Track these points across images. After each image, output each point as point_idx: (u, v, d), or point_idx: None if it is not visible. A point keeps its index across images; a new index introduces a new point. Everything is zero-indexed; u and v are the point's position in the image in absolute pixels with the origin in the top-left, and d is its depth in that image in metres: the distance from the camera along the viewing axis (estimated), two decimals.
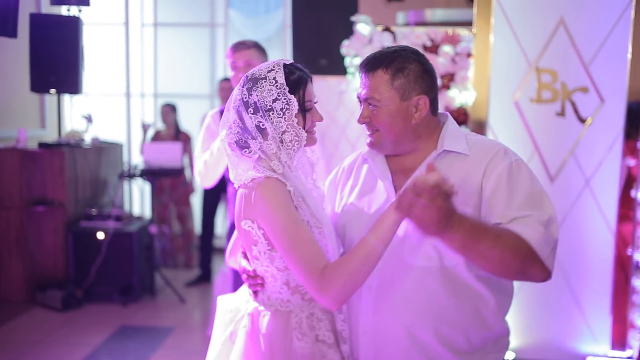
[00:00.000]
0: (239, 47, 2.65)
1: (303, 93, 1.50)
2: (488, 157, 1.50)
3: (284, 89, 1.47)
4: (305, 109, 1.50)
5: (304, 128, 1.50)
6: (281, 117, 1.47)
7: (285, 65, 1.50)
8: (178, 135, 5.86)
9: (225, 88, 5.56)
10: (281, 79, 1.47)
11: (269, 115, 1.46)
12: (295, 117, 1.48)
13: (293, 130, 1.48)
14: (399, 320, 1.51)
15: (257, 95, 1.47)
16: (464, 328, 1.52)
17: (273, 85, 1.47)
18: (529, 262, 1.40)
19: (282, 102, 1.46)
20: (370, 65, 1.52)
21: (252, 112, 1.47)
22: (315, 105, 1.54)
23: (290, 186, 1.48)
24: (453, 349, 1.52)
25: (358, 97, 1.57)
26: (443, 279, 1.49)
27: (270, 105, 1.46)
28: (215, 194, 5.49)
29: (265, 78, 1.48)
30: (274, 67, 1.49)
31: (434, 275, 1.49)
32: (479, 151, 1.53)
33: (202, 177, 2.73)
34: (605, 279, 3.34)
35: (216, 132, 2.75)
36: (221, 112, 2.81)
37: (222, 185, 5.40)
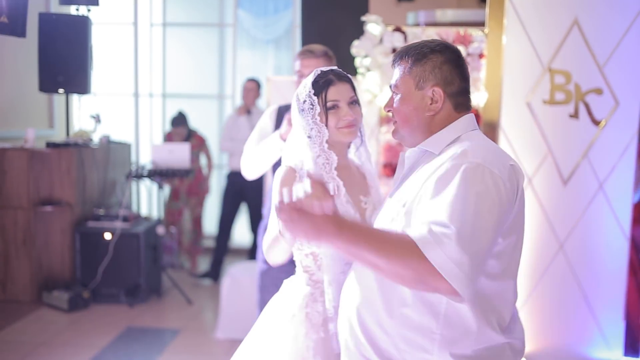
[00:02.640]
0: (308, 55, 2.68)
1: (325, 94, 1.72)
2: (447, 157, 1.39)
3: (310, 91, 1.74)
4: (327, 109, 1.72)
5: (326, 126, 1.73)
6: (308, 116, 1.74)
7: (320, 71, 1.77)
8: (189, 138, 5.80)
9: (248, 88, 5.54)
10: (309, 83, 1.76)
11: (302, 115, 1.75)
12: (319, 115, 1.73)
13: (316, 127, 1.73)
14: (344, 310, 1.56)
15: (297, 97, 1.78)
16: (395, 342, 1.42)
17: (304, 89, 1.76)
18: (425, 273, 1.25)
19: (308, 103, 1.74)
20: (398, 54, 1.56)
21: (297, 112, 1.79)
22: (348, 104, 1.73)
23: (300, 175, 1.72)
24: (383, 357, 1.44)
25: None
26: (379, 281, 1.45)
27: (302, 106, 1.76)
28: (237, 194, 5.49)
29: (305, 84, 1.77)
30: (313, 73, 1.78)
31: (369, 277, 1.48)
32: (448, 152, 1.42)
33: (247, 169, 2.80)
34: (618, 284, 3.29)
35: (271, 128, 2.79)
36: (279, 109, 2.83)
37: (244, 186, 5.41)
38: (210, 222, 6.57)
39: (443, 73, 1.47)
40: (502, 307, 1.42)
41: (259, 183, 5.36)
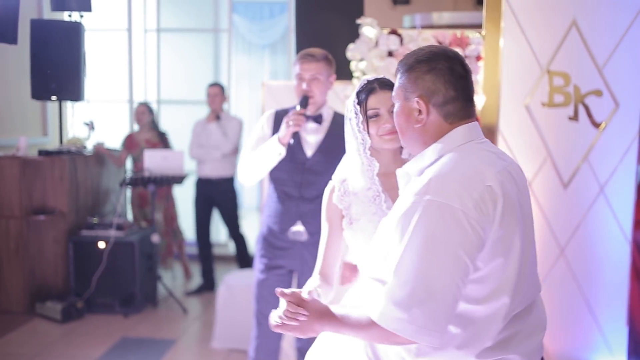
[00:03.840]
0: (308, 59, 2.65)
1: (366, 103, 1.78)
2: (417, 185, 1.37)
3: (354, 100, 1.81)
4: (368, 117, 1.78)
5: (368, 133, 1.78)
6: (353, 124, 1.82)
7: (366, 80, 1.82)
8: (159, 138, 5.52)
9: (212, 93, 5.27)
10: (354, 92, 1.83)
11: (349, 123, 1.83)
12: (362, 124, 1.79)
13: (360, 135, 1.80)
14: None
15: (347, 106, 1.86)
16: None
17: (351, 98, 1.84)
18: (396, 339, 1.34)
19: (352, 111, 1.82)
20: (398, 64, 1.55)
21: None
22: (389, 112, 1.75)
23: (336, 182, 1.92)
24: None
25: None
26: None
27: (348, 115, 1.83)
28: (207, 201, 5.32)
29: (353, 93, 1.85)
30: (360, 81, 1.85)
31: None
32: (423, 177, 1.39)
33: (244, 176, 2.76)
34: (621, 289, 3.23)
35: (268, 133, 2.75)
36: (276, 114, 2.78)
37: (214, 192, 5.23)
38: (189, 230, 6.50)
39: (426, 83, 1.43)
40: (492, 326, 1.37)
41: (229, 187, 5.28)
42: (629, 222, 3.18)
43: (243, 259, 5.48)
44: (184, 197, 6.48)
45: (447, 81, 1.42)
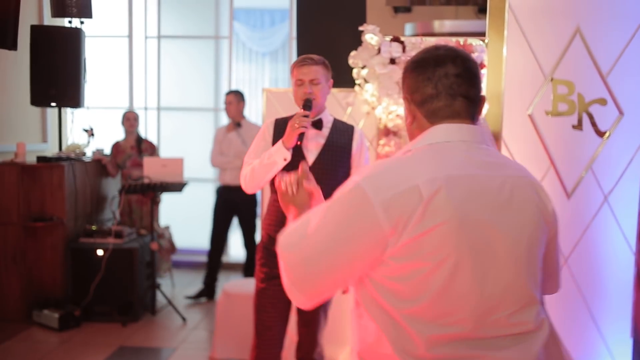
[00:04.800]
0: (307, 62, 2.65)
1: None
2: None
3: None
4: None
5: None
6: None
7: None
8: (140, 144, 5.49)
9: (227, 102, 5.36)
10: None
11: None
12: None
13: None
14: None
15: None
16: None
17: None
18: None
19: None
20: None
21: None
22: None
23: None
24: None
25: None
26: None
27: None
28: (229, 209, 5.36)
29: None
30: None
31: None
32: None
33: (246, 183, 2.73)
34: (625, 299, 3.19)
35: (269, 142, 2.73)
36: (276, 123, 2.76)
37: (236, 200, 5.26)
38: (200, 238, 6.46)
39: (408, 81, 1.42)
40: (416, 335, 1.29)
41: (251, 196, 5.28)
42: (634, 232, 3.14)
43: (252, 268, 5.45)
44: (183, 203, 6.45)
45: (426, 78, 1.38)
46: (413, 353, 1.28)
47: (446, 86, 1.37)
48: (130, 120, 5.47)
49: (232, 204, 5.34)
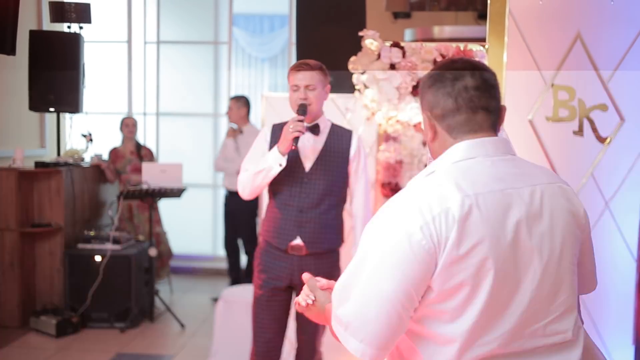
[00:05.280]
0: (304, 67, 2.63)
1: None
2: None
3: None
4: None
5: None
6: None
7: None
8: (139, 150, 5.50)
9: (229, 107, 5.44)
10: None
11: None
12: None
13: None
14: None
15: None
16: None
17: None
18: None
19: None
20: None
21: None
22: None
23: None
24: None
25: None
26: None
27: None
28: (231, 213, 5.42)
29: None
30: None
31: None
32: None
33: (243, 189, 2.72)
34: (627, 307, 3.16)
35: (267, 147, 2.72)
36: (273, 128, 2.74)
37: (238, 206, 5.30)
38: (199, 244, 6.44)
39: (427, 96, 1.40)
40: (447, 350, 1.30)
41: (252, 203, 5.28)
42: (635, 238, 3.12)
43: (248, 275, 5.44)
44: (182, 209, 6.43)
45: (446, 93, 1.37)
46: None
47: (466, 100, 1.35)
48: (129, 126, 5.47)
49: (234, 209, 5.40)
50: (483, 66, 1.40)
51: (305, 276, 1.56)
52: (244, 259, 5.80)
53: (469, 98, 1.35)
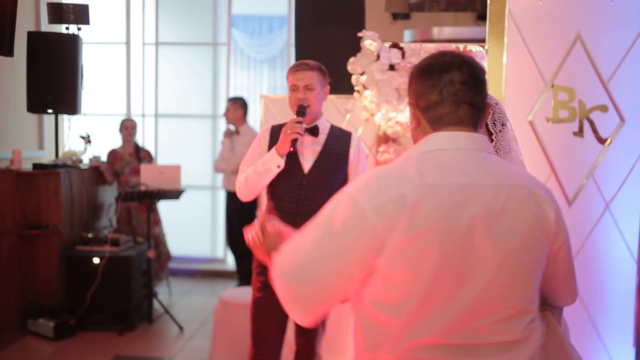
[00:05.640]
0: (303, 67, 2.62)
1: None
2: None
3: None
4: None
5: None
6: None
7: None
8: (138, 152, 5.48)
9: (226, 109, 5.55)
10: None
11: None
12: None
13: None
14: None
15: None
16: None
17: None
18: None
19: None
20: None
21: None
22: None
23: None
24: None
25: None
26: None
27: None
28: (230, 212, 5.52)
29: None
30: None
31: None
32: None
33: (241, 191, 2.70)
34: (627, 309, 3.15)
35: (265, 148, 2.70)
36: (272, 130, 2.72)
37: (237, 207, 5.37)
38: (198, 246, 6.44)
39: (413, 87, 1.41)
40: (391, 337, 1.32)
41: (251, 204, 5.31)
42: (636, 239, 3.10)
43: (247, 277, 5.45)
44: (181, 211, 6.41)
45: (431, 85, 1.37)
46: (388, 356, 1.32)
47: (451, 93, 1.36)
48: (128, 129, 5.46)
49: (234, 209, 5.50)
50: (472, 61, 1.39)
51: (264, 215, 1.61)
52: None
53: (454, 92, 1.36)
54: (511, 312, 1.31)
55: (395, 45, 3.34)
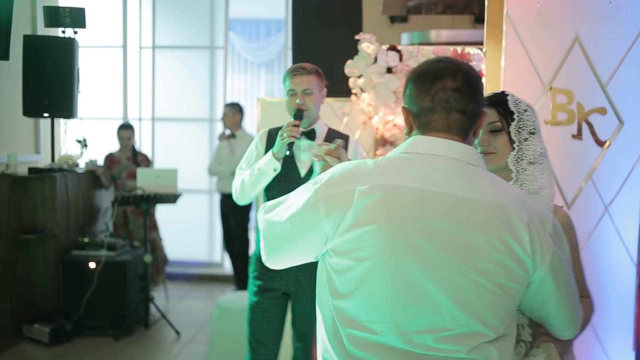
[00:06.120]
0: (300, 72, 2.60)
1: None
2: None
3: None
4: None
5: None
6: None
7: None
8: (136, 157, 5.47)
9: (223, 114, 5.65)
10: None
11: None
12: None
13: None
14: None
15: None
16: None
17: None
18: None
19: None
20: None
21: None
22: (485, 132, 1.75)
23: None
24: None
25: None
26: None
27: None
28: (225, 215, 5.58)
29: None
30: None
31: None
32: None
33: (237, 195, 2.71)
34: (627, 313, 3.13)
35: (262, 151, 2.70)
36: (269, 133, 2.70)
37: (230, 209, 5.39)
38: (194, 250, 6.43)
39: (407, 91, 1.40)
40: (342, 332, 1.35)
41: (245, 206, 5.32)
42: (635, 243, 3.08)
43: (243, 281, 5.43)
44: (177, 215, 6.38)
45: (424, 90, 1.36)
46: (341, 350, 1.35)
47: (442, 100, 1.34)
48: (123, 139, 5.46)
49: (225, 211, 5.55)
50: (468, 68, 1.37)
51: (340, 143, 1.81)
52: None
53: (446, 99, 1.34)
54: (458, 331, 1.27)
55: (392, 48, 3.32)
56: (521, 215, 1.29)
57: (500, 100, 1.72)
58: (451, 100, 1.33)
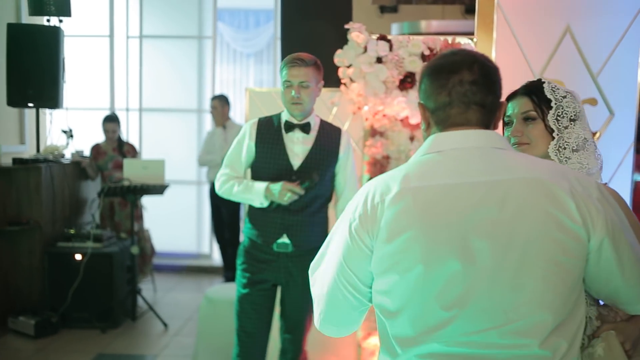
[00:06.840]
0: (297, 63, 2.54)
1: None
2: None
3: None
4: (505, 123, 1.72)
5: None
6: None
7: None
8: (122, 147, 5.38)
9: (211, 106, 5.62)
10: None
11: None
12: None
13: None
14: None
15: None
16: None
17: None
18: None
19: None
20: None
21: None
22: (520, 121, 1.70)
23: None
24: None
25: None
26: None
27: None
28: (215, 205, 5.57)
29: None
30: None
31: None
32: None
33: (221, 191, 2.76)
34: None
35: (253, 142, 2.69)
36: (259, 122, 2.66)
37: (220, 200, 5.35)
38: (182, 241, 6.38)
39: (423, 86, 1.36)
40: (394, 342, 1.28)
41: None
42: None
43: (233, 269, 5.41)
44: (165, 206, 6.33)
45: (440, 85, 1.31)
46: None
47: (460, 94, 1.30)
48: (108, 132, 5.36)
49: (215, 200, 5.51)
50: (485, 60, 1.32)
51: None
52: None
53: (463, 92, 1.29)
54: (522, 320, 1.19)
55: (382, 38, 3.28)
56: (562, 185, 1.23)
57: (535, 89, 1.67)
58: (469, 94, 1.29)
